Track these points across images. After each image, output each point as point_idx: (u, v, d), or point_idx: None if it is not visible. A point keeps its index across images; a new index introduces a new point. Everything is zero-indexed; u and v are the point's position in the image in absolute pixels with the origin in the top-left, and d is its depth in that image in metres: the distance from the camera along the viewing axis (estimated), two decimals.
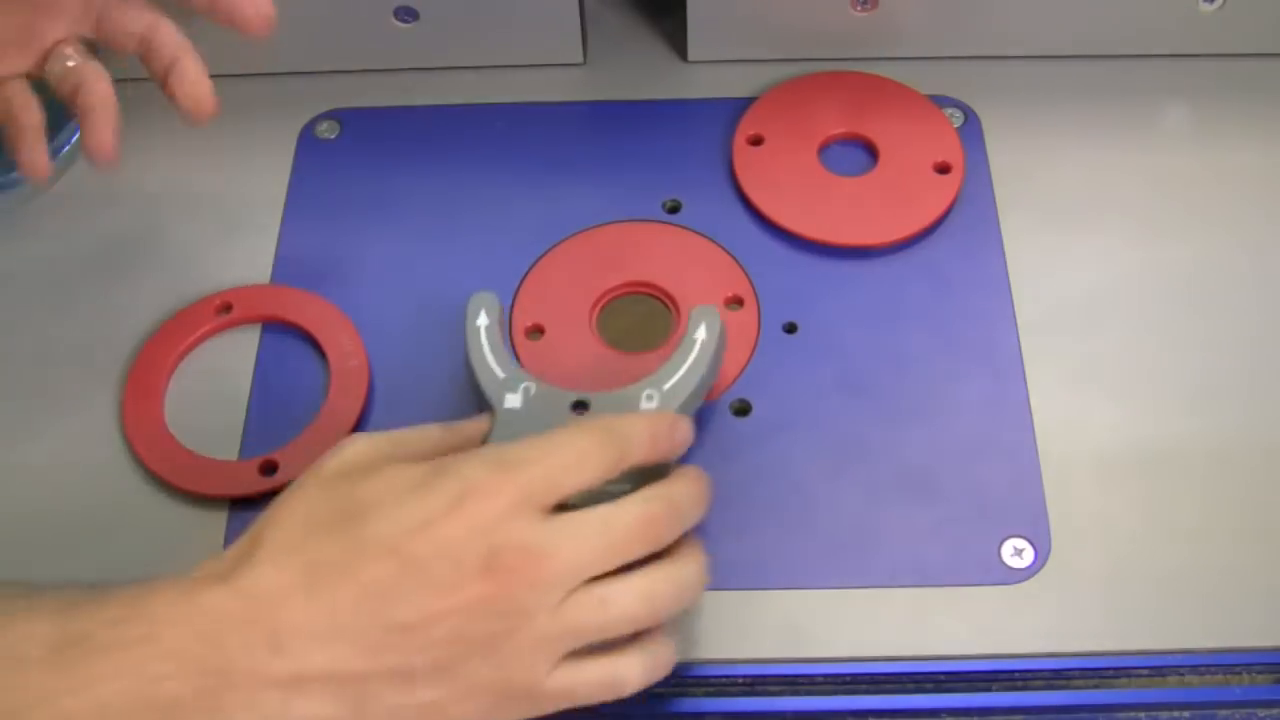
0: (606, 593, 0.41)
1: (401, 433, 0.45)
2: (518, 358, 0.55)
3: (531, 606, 0.40)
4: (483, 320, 0.51)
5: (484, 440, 0.48)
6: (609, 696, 0.42)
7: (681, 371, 0.50)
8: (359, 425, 0.53)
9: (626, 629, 0.42)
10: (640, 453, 0.44)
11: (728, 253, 0.58)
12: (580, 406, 0.49)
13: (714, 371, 0.51)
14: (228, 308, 0.57)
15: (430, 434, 0.46)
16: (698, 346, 0.50)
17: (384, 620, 0.39)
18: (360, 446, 0.44)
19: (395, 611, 0.39)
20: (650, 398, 0.49)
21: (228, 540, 0.51)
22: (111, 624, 0.39)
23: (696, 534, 0.45)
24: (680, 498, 0.44)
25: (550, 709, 0.42)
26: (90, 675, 0.38)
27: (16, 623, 0.39)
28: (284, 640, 0.39)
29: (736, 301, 0.57)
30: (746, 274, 0.57)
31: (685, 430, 0.46)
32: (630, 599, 0.42)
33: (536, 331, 0.56)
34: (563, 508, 0.42)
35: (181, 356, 0.56)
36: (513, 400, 0.49)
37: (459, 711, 0.41)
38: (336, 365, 0.55)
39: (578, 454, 0.42)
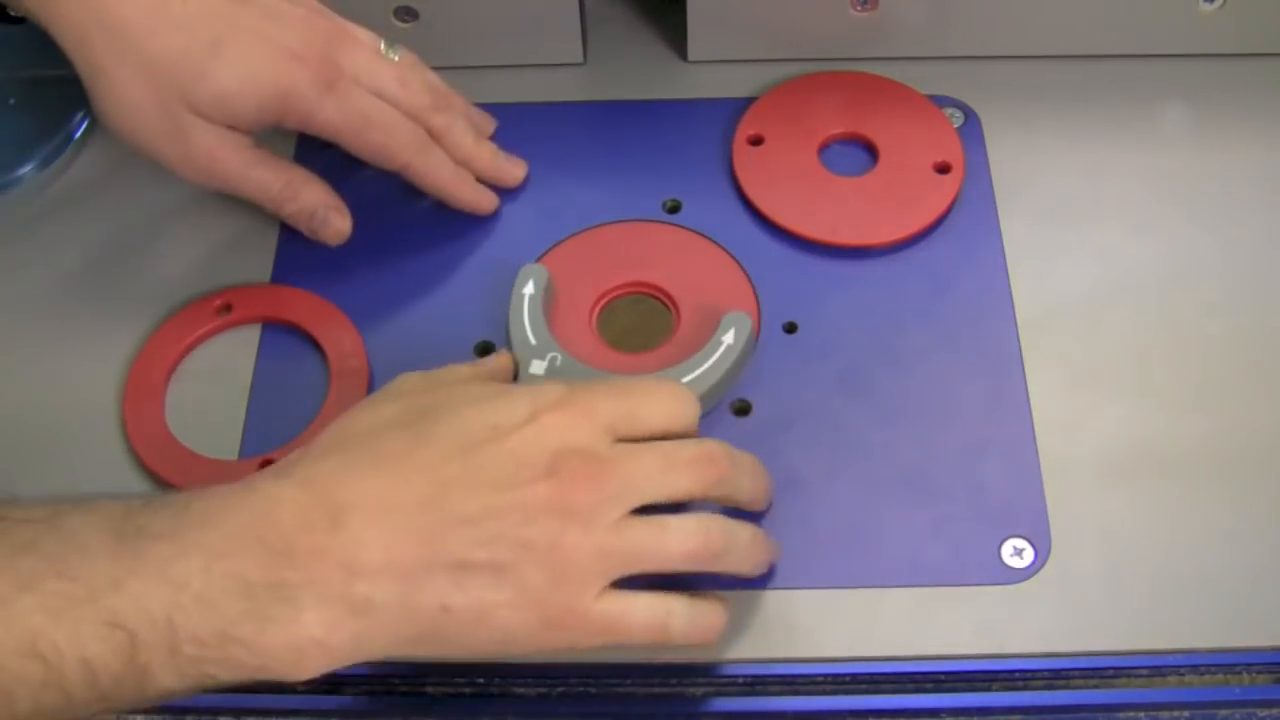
0: (665, 519, 0.43)
1: (437, 371, 0.47)
2: None
3: (591, 512, 0.41)
4: (529, 289, 0.54)
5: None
6: (653, 638, 0.43)
7: (700, 370, 0.52)
8: None
9: (680, 565, 0.43)
10: (697, 410, 0.46)
11: (728, 253, 0.58)
12: None
13: (731, 378, 0.53)
14: (228, 308, 0.57)
15: (461, 371, 0.48)
16: (721, 350, 0.53)
17: (444, 510, 0.40)
18: (411, 377, 0.46)
19: (456, 503, 0.40)
20: None
21: None
22: (170, 515, 0.40)
23: None
24: (738, 453, 0.46)
25: (596, 639, 0.42)
26: (154, 557, 0.38)
27: (73, 520, 0.39)
28: (343, 515, 0.40)
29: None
30: (746, 274, 0.57)
31: None
32: (687, 531, 0.43)
33: None
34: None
35: (181, 356, 0.56)
36: (538, 367, 0.52)
37: (506, 619, 0.41)
38: (336, 365, 0.55)
39: (654, 397, 0.44)
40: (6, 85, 0.64)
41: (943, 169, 0.60)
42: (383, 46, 0.57)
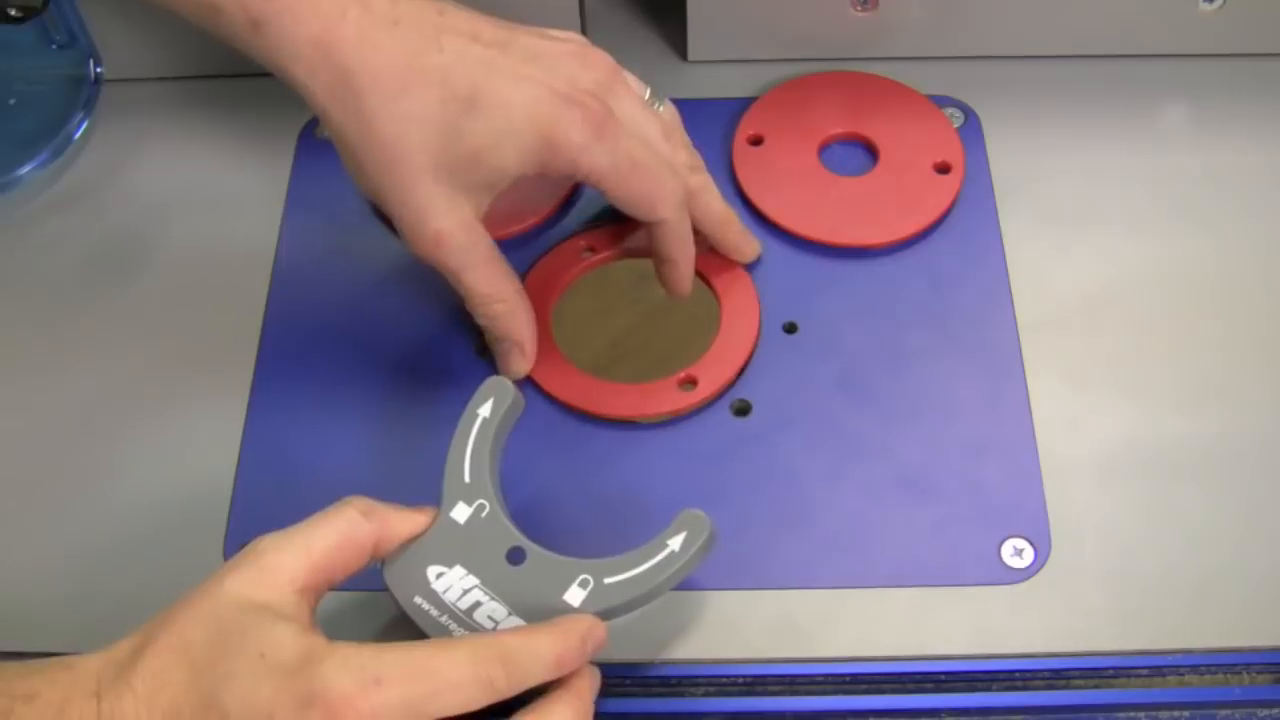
0: None
1: (325, 546, 0.43)
2: None
3: None
4: (484, 411, 0.47)
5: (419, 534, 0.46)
6: None
7: (631, 574, 0.45)
8: None
9: None
10: (541, 676, 0.42)
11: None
12: (517, 555, 0.46)
13: (671, 583, 0.45)
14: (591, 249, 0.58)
15: (358, 536, 0.44)
16: (662, 555, 0.45)
17: None
18: (273, 575, 0.42)
19: None
20: (584, 584, 0.45)
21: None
22: None
23: None
24: None
25: None
26: None
27: None
28: None
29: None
30: (747, 274, 0.57)
31: (599, 639, 0.44)
32: None
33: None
34: None
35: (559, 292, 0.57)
36: (460, 513, 0.46)
37: None
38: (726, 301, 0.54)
39: (454, 683, 0.40)
40: (6, 85, 0.64)
41: (943, 169, 0.60)
42: (648, 94, 0.54)
